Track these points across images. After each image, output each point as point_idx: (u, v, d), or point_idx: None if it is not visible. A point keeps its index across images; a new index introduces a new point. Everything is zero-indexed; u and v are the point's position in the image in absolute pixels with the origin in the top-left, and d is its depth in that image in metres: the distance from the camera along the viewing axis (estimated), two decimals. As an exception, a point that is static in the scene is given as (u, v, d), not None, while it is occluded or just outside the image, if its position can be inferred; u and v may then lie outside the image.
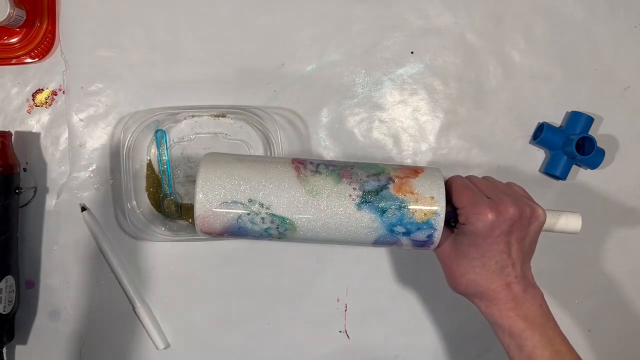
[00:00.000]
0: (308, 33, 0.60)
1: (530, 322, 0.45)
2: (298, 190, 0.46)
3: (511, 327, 0.45)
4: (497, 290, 0.46)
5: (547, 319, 0.46)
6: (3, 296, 0.55)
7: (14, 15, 0.53)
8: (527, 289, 0.46)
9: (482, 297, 0.47)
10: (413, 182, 0.47)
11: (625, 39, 0.62)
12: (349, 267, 0.61)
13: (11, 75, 0.58)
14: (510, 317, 0.46)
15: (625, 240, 0.63)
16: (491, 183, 0.48)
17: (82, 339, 0.60)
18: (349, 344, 0.62)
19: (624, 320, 0.64)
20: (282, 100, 0.60)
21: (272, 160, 0.49)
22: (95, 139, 0.59)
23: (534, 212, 0.46)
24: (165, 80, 0.59)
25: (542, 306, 0.46)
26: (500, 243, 0.45)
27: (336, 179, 0.47)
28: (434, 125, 0.61)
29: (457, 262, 0.47)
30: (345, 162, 0.49)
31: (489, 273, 0.46)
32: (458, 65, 0.61)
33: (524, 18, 0.61)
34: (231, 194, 0.46)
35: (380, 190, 0.46)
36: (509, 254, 0.45)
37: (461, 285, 0.47)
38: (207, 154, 0.49)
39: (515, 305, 0.46)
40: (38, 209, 0.59)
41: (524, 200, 0.46)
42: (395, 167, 0.48)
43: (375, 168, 0.48)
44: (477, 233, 0.44)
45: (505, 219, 0.44)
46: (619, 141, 0.62)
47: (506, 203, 0.44)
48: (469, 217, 0.45)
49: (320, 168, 0.47)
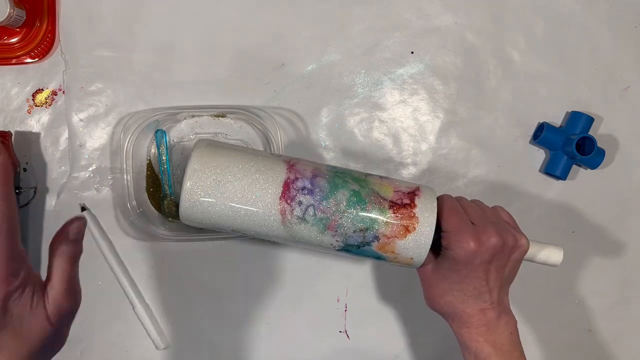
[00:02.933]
0: (308, 33, 0.60)
1: (497, 349, 0.46)
2: (280, 232, 0.46)
3: (477, 350, 0.47)
4: (471, 314, 0.47)
5: (515, 347, 0.47)
6: (3, 296, 0.55)
7: (13, 15, 0.53)
8: (501, 316, 0.47)
9: (455, 319, 0.48)
10: (398, 244, 0.45)
11: (625, 39, 0.62)
12: (349, 267, 0.61)
13: (11, 75, 0.58)
14: (479, 341, 0.47)
15: (625, 240, 0.63)
16: (479, 208, 0.48)
17: (81, 339, 0.60)
18: (349, 344, 0.62)
19: (624, 320, 0.64)
20: (282, 100, 0.60)
21: (260, 195, 0.45)
22: (95, 139, 0.59)
23: (517, 242, 0.46)
24: (165, 80, 0.59)
25: (512, 334, 0.47)
26: (480, 271, 0.45)
27: (321, 230, 0.45)
28: (434, 125, 0.61)
29: (437, 283, 0.48)
30: (336, 206, 0.45)
31: (466, 297, 0.46)
32: (458, 65, 0.61)
33: (524, 18, 0.61)
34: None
35: (362, 246, 0.46)
36: (487, 281, 0.46)
37: (438, 304, 0.49)
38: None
39: (487, 331, 0.46)
40: (38, 209, 0.59)
41: (508, 229, 0.46)
42: (387, 221, 0.45)
43: (365, 220, 0.45)
44: (458, 260, 0.44)
45: (486, 249, 0.44)
46: (619, 141, 0.62)
47: (489, 232, 0.44)
48: (451, 243, 0.45)
49: (307, 215, 0.45)
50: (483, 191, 0.61)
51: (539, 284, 0.63)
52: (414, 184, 0.48)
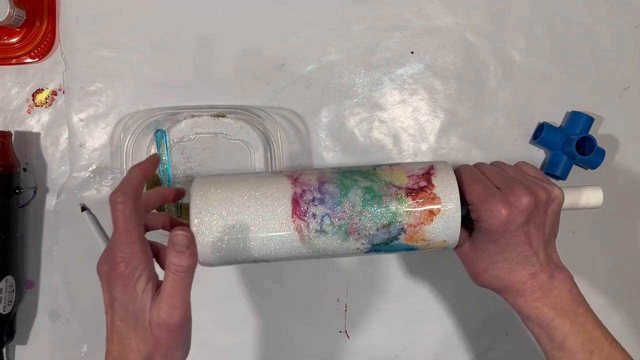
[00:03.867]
0: (308, 33, 0.60)
1: (559, 310, 0.43)
2: (301, 250, 0.43)
3: (539, 317, 0.43)
4: (522, 282, 0.44)
5: (578, 303, 0.43)
6: (3, 296, 0.55)
7: (13, 15, 0.53)
8: (554, 275, 0.44)
9: (507, 291, 0.45)
10: (427, 230, 0.43)
11: (625, 39, 0.62)
12: (349, 268, 0.61)
13: (11, 75, 0.58)
14: (537, 307, 0.43)
15: (625, 240, 0.63)
16: (500, 169, 0.45)
17: (82, 339, 0.60)
18: (349, 344, 0.62)
19: (624, 320, 0.64)
20: (282, 100, 0.60)
21: (271, 217, 0.43)
22: (95, 139, 0.59)
23: (550, 194, 0.43)
24: (165, 80, 0.59)
25: (571, 291, 0.44)
26: (520, 235, 0.42)
27: (343, 237, 0.43)
28: (434, 125, 0.61)
29: (477, 259, 0.45)
30: (352, 208, 0.43)
31: (512, 266, 0.43)
32: (458, 65, 0.61)
33: (524, 18, 0.61)
34: (227, 242, 0.43)
35: (390, 242, 0.44)
36: (530, 243, 0.43)
37: (485, 280, 0.46)
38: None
39: (543, 295, 0.43)
40: (38, 208, 0.59)
41: (538, 183, 0.43)
42: (409, 210, 0.43)
43: (385, 215, 0.43)
44: (493, 230, 0.42)
45: (520, 211, 0.41)
46: (619, 141, 0.62)
47: (518, 193, 0.41)
48: (481, 214, 0.42)
49: (324, 225, 0.42)
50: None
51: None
52: (426, 163, 0.46)
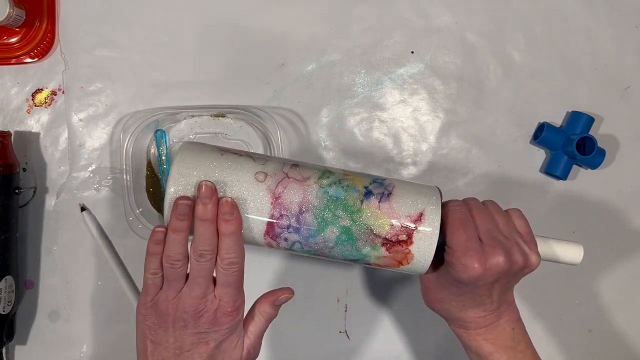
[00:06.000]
0: (308, 33, 0.60)
1: (498, 346, 0.45)
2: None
3: (478, 349, 0.46)
4: (469, 321, 0.45)
5: (518, 341, 0.45)
6: (3, 296, 0.55)
7: (13, 14, 0.53)
8: (502, 315, 0.45)
9: (452, 322, 0.47)
10: (391, 268, 0.44)
11: (625, 39, 0.62)
12: (349, 268, 0.61)
13: (11, 75, 0.58)
14: (477, 341, 0.45)
15: (626, 240, 0.63)
16: (490, 218, 0.44)
17: (81, 339, 0.60)
18: (349, 344, 0.62)
19: (624, 320, 0.64)
20: (282, 100, 0.60)
21: (244, 224, 0.42)
22: (95, 138, 0.59)
23: (527, 261, 0.42)
24: (165, 80, 0.59)
25: (514, 329, 0.45)
26: (483, 289, 0.43)
27: (310, 256, 0.45)
28: (434, 125, 0.61)
29: (435, 289, 0.46)
30: (324, 243, 0.42)
31: (465, 307, 0.45)
32: (458, 65, 0.61)
33: (524, 18, 0.61)
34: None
35: (357, 261, 0.44)
36: (490, 296, 0.44)
37: (435, 308, 0.48)
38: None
39: (485, 331, 0.45)
40: (37, 209, 0.59)
41: (519, 246, 0.43)
42: (378, 256, 0.43)
43: (354, 255, 0.43)
44: (460, 280, 0.42)
45: (492, 273, 0.41)
46: (620, 141, 0.62)
47: (497, 255, 0.41)
48: (456, 265, 0.41)
49: (294, 248, 0.43)
50: (483, 191, 0.61)
51: (540, 284, 0.62)
52: (418, 207, 0.43)
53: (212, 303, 0.41)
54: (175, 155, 0.42)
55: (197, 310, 0.41)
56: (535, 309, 0.62)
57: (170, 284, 0.41)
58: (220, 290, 0.41)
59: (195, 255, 0.40)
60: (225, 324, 0.42)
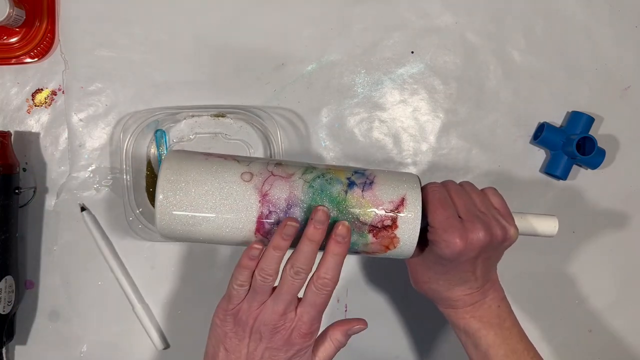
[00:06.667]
0: (308, 33, 0.60)
1: (485, 322, 0.46)
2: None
3: (466, 326, 0.47)
4: (456, 299, 0.47)
5: (504, 318, 0.47)
6: (3, 296, 0.55)
7: (13, 14, 0.53)
8: (487, 293, 0.47)
9: (440, 302, 0.48)
10: (378, 254, 0.45)
11: (625, 39, 0.62)
12: (349, 268, 0.61)
13: (11, 75, 0.58)
14: (465, 319, 0.47)
15: (625, 240, 0.63)
16: (467, 197, 0.45)
17: (81, 339, 0.60)
18: (349, 344, 0.62)
19: (624, 320, 0.64)
20: (282, 100, 0.60)
21: (234, 223, 0.43)
22: (94, 139, 0.59)
23: (506, 233, 0.44)
24: (165, 80, 0.59)
25: (500, 307, 0.47)
26: (466, 265, 0.44)
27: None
28: (434, 125, 0.61)
29: (422, 271, 0.48)
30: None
31: (451, 286, 0.46)
32: (458, 65, 0.61)
33: (524, 18, 0.61)
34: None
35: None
36: (474, 272, 0.45)
37: (423, 290, 0.49)
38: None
39: (472, 309, 0.47)
40: (37, 209, 0.59)
41: (498, 220, 0.44)
42: (366, 243, 0.44)
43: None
44: (444, 257, 0.43)
45: (474, 247, 0.42)
46: (620, 141, 0.62)
47: (477, 229, 0.42)
48: (438, 242, 0.43)
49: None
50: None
51: (540, 284, 0.62)
52: (399, 193, 0.44)
53: (291, 321, 0.42)
54: (162, 163, 0.43)
55: (275, 325, 0.41)
56: (536, 308, 0.62)
57: (255, 296, 0.42)
58: (302, 309, 0.42)
59: (291, 272, 0.41)
60: (297, 345, 0.42)
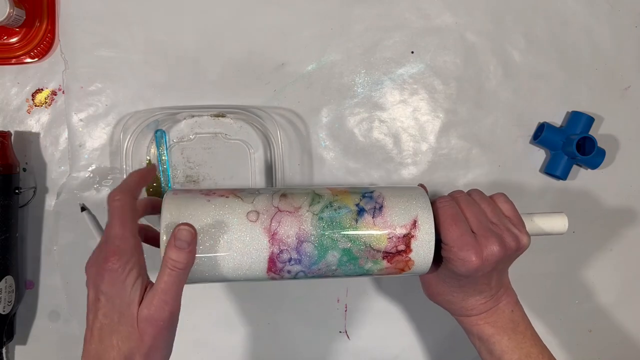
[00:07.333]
0: (308, 33, 0.60)
1: (499, 328, 0.46)
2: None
3: (480, 332, 0.47)
4: (470, 308, 0.47)
5: (517, 323, 0.47)
6: (3, 296, 0.55)
7: (13, 14, 0.53)
8: (501, 299, 0.47)
9: (454, 311, 0.49)
10: (393, 275, 0.45)
11: (625, 39, 0.62)
12: (349, 267, 0.61)
13: (11, 75, 0.58)
14: (479, 325, 0.47)
15: (625, 240, 0.63)
16: (478, 208, 0.45)
17: (81, 339, 0.60)
18: (349, 344, 0.62)
19: (624, 320, 0.64)
20: (282, 100, 0.60)
21: (245, 265, 0.42)
22: (95, 138, 0.59)
23: (519, 243, 0.44)
24: (165, 80, 0.59)
25: (513, 312, 0.47)
26: (482, 279, 0.44)
27: (315, 278, 0.45)
28: (434, 125, 0.61)
29: (436, 284, 0.48)
30: (327, 267, 0.43)
31: (467, 297, 0.46)
32: (458, 65, 0.61)
33: (524, 18, 0.61)
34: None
35: (360, 275, 0.45)
36: (489, 284, 0.45)
37: (437, 301, 0.49)
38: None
39: (486, 315, 0.47)
40: (38, 209, 0.59)
41: (510, 230, 0.44)
42: (381, 269, 0.44)
43: (357, 271, 0.44)
44: (460, 274, 0.43)
45: (489, 263, 0.42)
46: (620, 141, 0.62)
47: (491, 243, 0.42)
48: (454, 260, 0.43)
49: (298, 276, 0.43)
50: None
51: (540, 284, 0.63)
52: (411, 215, 0.43)
53: None
54: (161, 209, 0.42)
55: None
56: (536, 308, 0.62)
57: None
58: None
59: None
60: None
